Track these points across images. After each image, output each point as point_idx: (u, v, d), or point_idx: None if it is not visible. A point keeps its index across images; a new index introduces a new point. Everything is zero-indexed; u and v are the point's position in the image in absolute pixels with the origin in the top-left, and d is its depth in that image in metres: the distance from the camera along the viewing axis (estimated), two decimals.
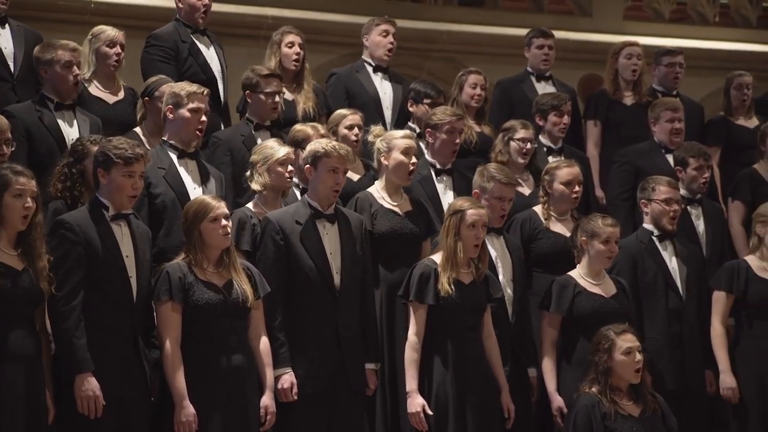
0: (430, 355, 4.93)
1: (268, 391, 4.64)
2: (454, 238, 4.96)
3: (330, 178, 4.90)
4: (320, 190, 4.92)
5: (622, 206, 6.37)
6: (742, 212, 6.45)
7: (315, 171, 4.92)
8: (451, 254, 4.95)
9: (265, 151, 5.15)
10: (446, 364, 4.91)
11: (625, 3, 9.93)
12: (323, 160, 4.90)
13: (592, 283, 5.23)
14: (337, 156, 4.90)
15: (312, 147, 4.99)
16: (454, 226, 4.96)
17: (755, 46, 9.62)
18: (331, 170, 4.90)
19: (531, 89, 7.01)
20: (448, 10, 9.53)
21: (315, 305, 4.83)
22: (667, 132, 6.45)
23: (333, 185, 4.91)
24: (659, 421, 4.94)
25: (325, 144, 4.96)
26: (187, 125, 5.13)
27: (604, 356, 4.89)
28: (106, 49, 5.93)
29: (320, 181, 4.91)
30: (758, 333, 5.48)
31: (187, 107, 5.11)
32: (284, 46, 6.41)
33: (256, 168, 5.14)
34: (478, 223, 4.97)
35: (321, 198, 4.93)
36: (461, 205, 5.02)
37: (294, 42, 6.43)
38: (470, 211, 4.98)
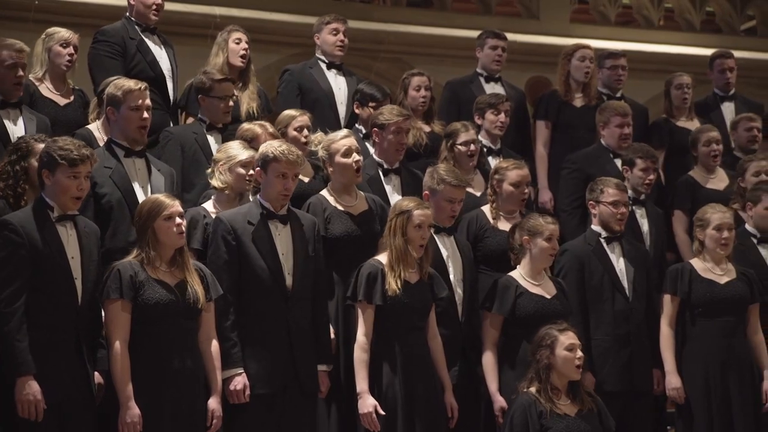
0: (379, 355, 4.93)
1: (215, 395, 4.60)
2: (402, 238, 4.96)
3: (279, 183, 4.88)
4: (270, 193, 4.90)
5: (573, 213, 6.41)
6: (684, 221, 6.52)
7: (265, 175, 4.90)
8: (400, 254, 4.96)
9: (230, 152, 5.16)
10: (394, 364, 4.91)
11: (572, 6, 10.01)
12: (273, 165, 4.87)
13: (533, 283, 5.27)
14: (287, 161, 4.87)
15: (262, 150, 4.96)
16: (401, 227, 4.97)
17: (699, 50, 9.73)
18: (280, 175, 4.87)
19: (480, 90, 7.02)
20: (397, 11, 9.54)
21: (267, 306, 4.80)
22: (616, 137, 6.50)
23: (282, 190, 4.89)
24: (596, 420, 4.98)
25: (275, 148, 4.92)
26: (129, 123, 5.09)
27: (545, 352, 4.93)
28: (59, 48, 5.91)
29: (270, 185, 4.89)
30: (702, 332, 5.53)
31: (126, 105, 5.08)
32: (232, 42, 6.40)
33: (218, 166, 5.13)
34: (425, 224, 4.99)
35: (272, 200, 4.91)
36: (407, 206, 5.03)
37: (241, 39, 6.42)
38: (417, 212, 4.99)
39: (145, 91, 5.14)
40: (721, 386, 5.45)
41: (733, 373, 5.47)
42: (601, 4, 10.17)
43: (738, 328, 5.55)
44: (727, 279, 5.58)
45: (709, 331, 5.52)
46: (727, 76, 7.59)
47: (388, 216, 5.09)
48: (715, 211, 5.62)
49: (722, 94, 7.62)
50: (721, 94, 7.63)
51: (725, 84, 7.61)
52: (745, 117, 7.07)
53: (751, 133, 6.97)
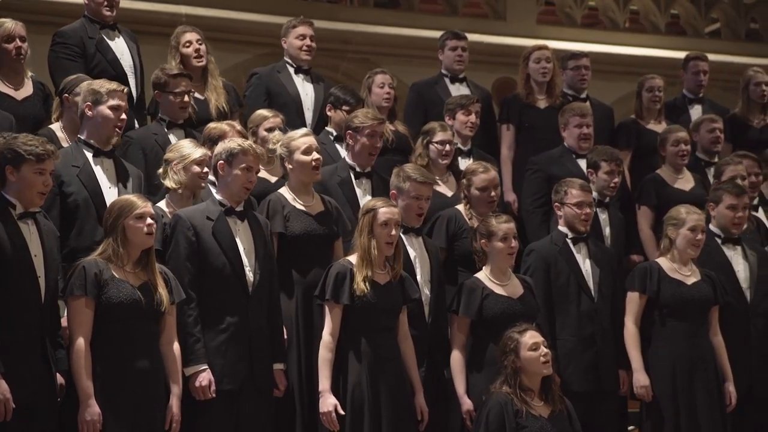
0: (346, 355, 4.92)
1: (174, 398, 4.57)
2: (368, 236, 4.96)
3: (244, 176, 4.89)
4: (232, 187, 4.90)
5: (536, 213, 6.43)
6: (649, 217, 6.55)
7: (229, 168, 4.90)
8: (366, 253, 4.96)
9: (182, 150, 5.12)
10: (361, 364, 4.90)
11: (538, 7, 10.06)
12: (239, 158, 4.88)
13: (499, 284, 5.27)
14: (254, 155, 4.91)
15: (228, 144, 4.97)
16: (368, 225, 4.98)
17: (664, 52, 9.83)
18: (245, 168, 4.89)
19: (445, 91, 7.04)
20: (364, 11, 9.54)
21: (228, 301, 4.79)
22: (576, 137, 6.53)
23: (245, 183, 4.90)
24: (567, 422, 5.00)
25: (241, 142, 4.97)
26: (107, 123, 5.06)
27: (511, 357, 4.94)
28: (5, 45, 5.81)
29: (233, 178, 4.89)
30: (670, 332, 5.55)
31: (107, 104, 5.05)
32: (182, 47, 6.36)
33: (171, 166, 5.09)
34: (391, 222, 4.99)
35: (232, 195, 4.90)
36: (373, 205, 5.04)
37: (191, 41, 6.37)
38: (382, 210, 5.00)
39: (125, 94, 5.15)
40: (688, 386, 5.47)
41: (699, 374, 5.49)
42: (567, 5, 10.23)
43: (702, 328, 5.58)
44: (694, 280, 5.61)
45: (676, 332, 5.54)
46: (700, 78, 7.65)
47: (358, 216, 5.09)
48: (691, 212, 5.65)
49: (691, 97, 7.67)
50: (691, 96, 7.68)
51: (698, 86, 7.66)
52: (707, 118, 7.11)
53: (714, 135, 7.00)
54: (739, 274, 5.88)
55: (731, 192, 5.92)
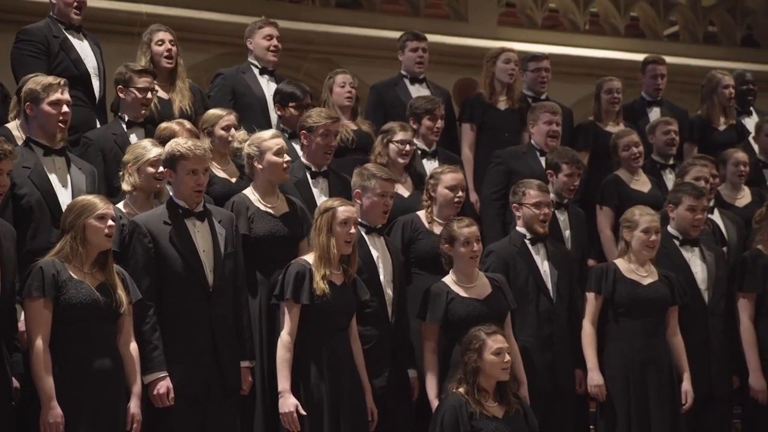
0: (305, 355, 4.91)
1: (134, 399, 4.54)
2: (327, 235, 4.96)
3: (190, 180, 4.83)
4: (183, 191, 4.86)
5: (492, 205, 6.46)
6: (610, 217, 6.59)
7: (174, 174, 4.84)
8: (324, 252, 4.95)
9: (137, 151, 5.08)
10: (320, 364, 4.90)
11: (500, 9, 10.11)
12: (181, 163, 4.82)
13: (464, 287, 5.30)
14: (194, 157, 4.82)
15: (168, 149, 4.88)
16: (326, 224, 4.97)
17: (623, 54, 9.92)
18: (190, 172, 4.82)
19: (405, 92, 7.06)
20: (326, 11, 9.54)
21: (189, 305, 4.77)
22: (544, 134, 6.56)
23: (194, 186, 4.84)
24: (522, 422, 5.03)
25: (181, 145, 4.86)
26: (49, 120, 5.01)
27: (473, 356, 4.96)
28: None
29: (181, 183, 4.84)
30: (625, 332, 5.59)
31: (46, 101, 5.00)
32: (154, 44, 6.32)
33: (126, 168, 5.05)
34: (350, 220, 4.99)
35: (186, 198, 4.87)
36: (332, 204, 5.04)
37: (164, 39, 6.34)
38: (341, 208, 5.00)
39: (64, 86, 5.06)
40: (640, 385, 5.52)
41: (653, 373, 5.53)
42: (528, 7, 10.29)
43: (658, 328, 5.62)
44: (650, 280, 5.65)
45: (630, 331, 5.58)
46: (658, 82, 7.72)
47: (314, 216, 5.09)
48: (644, 213, 5.69)
49: (650, 99, 7.74)
50: (649, 99, 7.74)
51: (656, 89, 7.73)
52: (662, 121, 7.16)
53: (669, 137, 7.06)
54: (697, 275, 5.94)
55: (691, 194, 5.98)
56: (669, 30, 11.15)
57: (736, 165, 6.86)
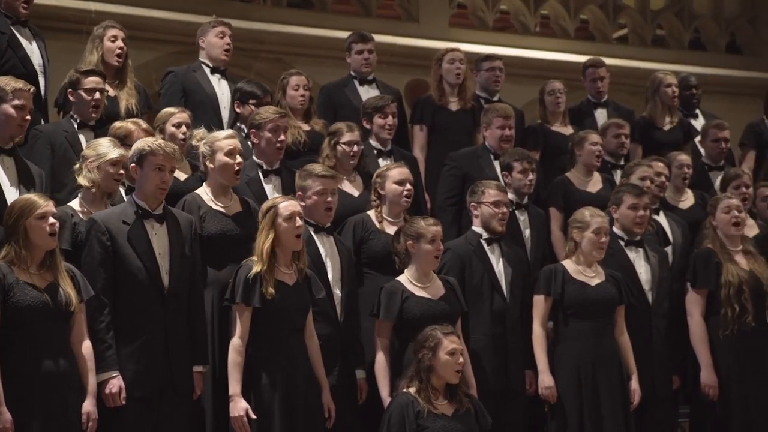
0: (258, 358, 4.89)
1: (89, 397, 4.51)
2: (272, 235, 4.94)
3: (156, 177, 4.82)
4: (146, 189, 4.84)
5: (448, 210, 6.48)
6: (558, 218, 6.64)
7: (141, 170, 4.84)
8: (271, 253, 4.92)
9: (100, 149, 5.06)
10: (274, 367, 4.88)
11: (451, 10, 10.14)
12: (149, 159, 4.82)
13: (420, 286, 5.31)
14: (164, 154, 4.83)
15: (138, 145, 4.89)
16: (270, 223, 4.95)
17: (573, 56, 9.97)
18: (157, 168, 4.82)
19: (354, 93, 7.06)
20: (277, 11, 9.51)
21: (143, 306, 4.74)
22: (497, 138, 6.60)
23: (159, 184, 4.84)
24: (472, 420, 5.04)
25: (151, 142, 4.89)
26: (10, 122, 4.99)
27: (428, 354, 4.97)
28: None
29: (146, 179, 4.83)
30: (574, 334, 5.64)
31: (11, 103, 4.98)
32: (107, 40, 6.28)
33: (86, 163, 5.02)
34: (295, 214, 4.97)
35: (148, 197, 4.84)
36: (273, 202, 5.03)
37: (117, 36, 6.30)
38: (283, 204, 4.99)
39: (32, 95, 5.08)
40: (591, 386, 5.56)
41: (603, 373, 5.58)
42: (479, 9, 10.33)
43: (607, 328, 5.67)
44: (598, 281, 5.70)
45: (580, 332, 5.63)
46: (598, 85, 7.80)
47: (259, 217, 5.06)
48: (594, 214, 5.73)
49: (595, 101, 7.83)
50: (594, 100, 7.83)
51: (597, 92, 7.82)
52: (613, 123, 7.25)
53: (619, 140, 7.14)
54: (641, 275, 5.99)
55: (631, 192, 6.04)
56: (618, 33, 11.25)
57: (679, 168, 6.94)
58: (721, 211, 6.12)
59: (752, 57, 11.29)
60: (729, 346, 5.91)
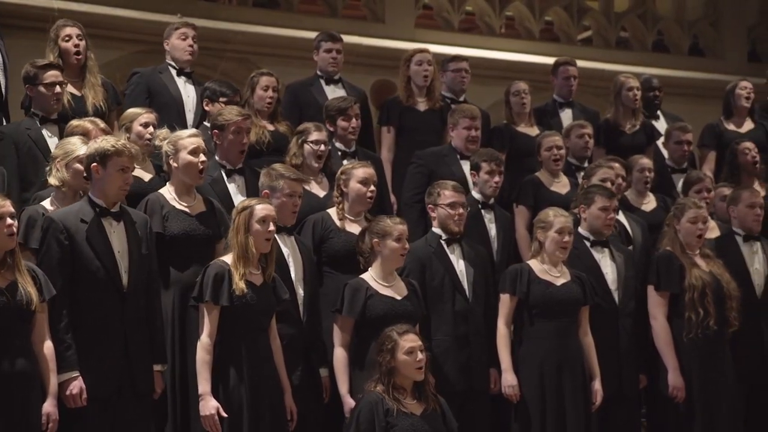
0: (225, 357, 4.88)
1: (50, 398, 4.49)
2: (245, 234, 4.94)
3: (119, 178, 4.80)
4: (108, 189, 4.81)
5: (414, 208, 6.48)
6: (526, 217, 6.67)
7: (103, 169, 4.80)
8: (243, 252, 4.93)
9: (67, 147, 5.04)
10: (241, 366, 4.87)
11: (417, 11, 10.16)
12: (114, 159, 4.79)
13: (384, 285, 5.31)
14: (128, 155, 4.81)
15: (101, 145, 4.85)
16: (244, 223, 4.95)
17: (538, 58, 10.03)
18: (121, 169, 4.80)
19: (320, 93, 7.05)
20: (243, 10, 9.49)
21: (102, 305, 4.72)
22: (464, 139, 6.63)
23: (122, 185, 4.82)
24: (440, 420, 5.06)
25: (115, 142, 4.85)
26: None
27: (387, 357, 4.98)
28: None
29: (109, 180, 4.80)
30: (539, 333, 5.66)
31: None
32: (61, 40, 6.23)
33: (55, 163, 4.99)
34: (269, 218, 4.98)
35: (108, 196, 4.82)
36: (249, 203, 5.03)
37: (71, 35, 6.24)
38: (259, 207, 4.99)
39: None
40: (555, 386, 5.58)
41: (567, 373, 5.60)
42: (444, 10, 10.36)
43: (571, 328, 5.69)
44: (563, 281, 5.73)
45: (544, 332, 5.65)
46: (570, 83, 7.83)
47: (232, 216, 5.06)
48: (558, 214, 5.76)
49: (561, 101, 7.86)
50: (561, 101, 7.86)
51: (568, 91, 7.85)
52: (577, 124, 7.29)
53: (583, 140, 7.17)
54: (607, 276, 6.02)
55: (603, 194, 6.08)
56: (582, 35, 11.32)
57: (641, 171, 6.98)
58: (687, 220, 6.13)
59: (714, 59, 11.41)
60: (693, 350, 5.95)
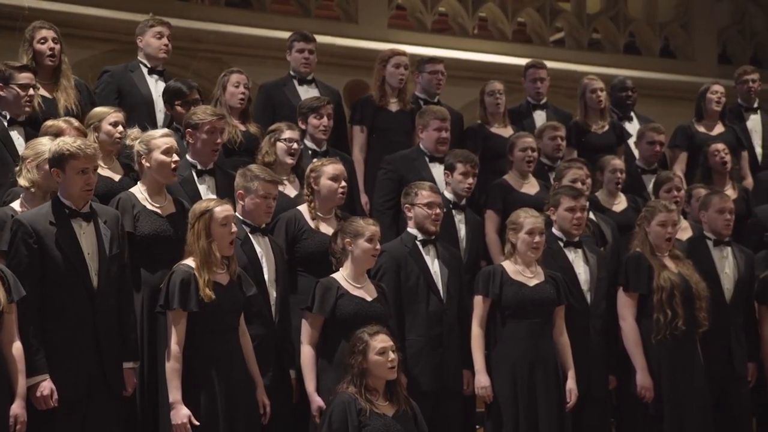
0: (197, 361, 4.85)
1: (18, 399, 4.45)
2: (206, 240, 4.91)
3: (80, 180, 4.74)
4: (72, 191, 4.76)
5: (386, 214, 6.49)
6: (495, 221, 6.70)
7: (63, 173, 4.74)
8: (206, 257, 4.90)
9: (38, 148, 5.00)
10: (213, 369, 4.85)
11: (390, 11, 10.17)
12: (71, 162, 4.72)
13: (355, 285, 5.31)
14: (85, 156, 4.73)
15: (56, 148, 4.76)
16: (205, 227, 4.92)
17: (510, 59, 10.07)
18: (80, 171, 4.73)
19: (293, 93, 7.05)
20: (215, 10, 9.47)
21: (72, 307, 4.68)
22: (434, 140, 6.64)
23: (84, 186, 4.76)
24: (411, 422, 5.06)
25: (70, 144, 4.75)
26: None
27: (359, 358, 4.98)
28: None
29: (70, 183, 4.74)
30: (512, 334, 5.67)
31: None
32: (36, 42, 6.18)
33: (25, 164, 4.95)
34: (229, 220, 4.96)
35: (74, 198, 4.78)
36: (207, 206, 4.98)
37: (47, 37, 6.20)
38: (218, 209, 4.95)
39: None
40: (528, 386, 5.59)
41: (540, 374, 5.61)
42: (418, 10, 10.38)
43: (545, 329, 5.71)
44: (536, 281, 5.74)
45: (517, 332, 5.65)
46: (538, 86, 7.87)
47: (189, 221, 5.01)
48: (528, 215, 5.78)
49: (534, 103, 7.90)
50: (533, 102, 7.90)
51: (536, 93, 7.89)
52: (549, 126, 7.33)
53: (555, 142, 7.21)
54: (580, 276, 6.04)
55: (569, 194, 6.10)
56: (555, 36, 11.38)
57: (612, 172, 7.02)
58: (657, 223, 6.15)
59: (685, 61, 11.50)
60: (661, 351, 5.98)
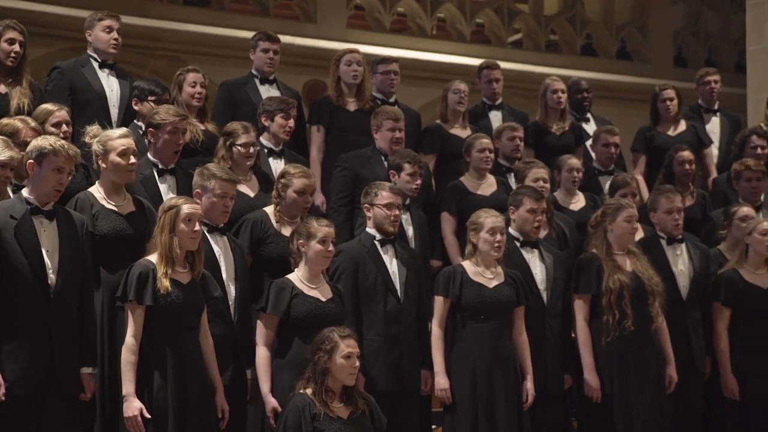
0: (150, 357, 4.84)
1: None
2: (169, 234, 4.92)
3: (54, 178, 4.76)
4: (42, 187, 4.77)
5: (340, 211, 6.51)
6: (451, 223, 6.73)
7: (39, 168, 4.76)
8: (167, 251, 4.90)
9: None
10: (165, 366, 4.84)
11: (349, 12, 10.19)
12: (50, 159, 4.75)
13: (309, 286, 5.32)
14: (66, 156, 4.77)
15: (39, 143, 4.80)
16: (170, 222, 4.93)
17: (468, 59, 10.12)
18: (56, 169, 4.76)
19: (255, 92, 7.04)
20: (173, 8, 9.43)
21: (27, 304, 4.66)
22: (388, 140, 6.66)
23: (56, 185, 4.78)
24: (367, 421, 5.07)
25: (54, 142, 4.81)
26: None
27: (324, 356, 4.99)
28: None
29: (44, 179, 4.76)
30: (471, 335, 5.69)
31: None
32: (3, 41, 6.14)
33: None
34: (194, 217, 4.96)
35: (42, 195, 4.77)
36: (175, 202, 5.00)
37: (15, 39, 6.18)
38: (186, 206, 4.97)
39: None
40: (487, 386, 5.61)
41: (499, 374, 5.64)
42: (376, 10, 10.41)
43: (504, 329, 5.73)
44: (496, 282, 5.76)
45: (477, 333, 5.68)
46: (493, 86, 7.91)
47: (158, 214, 5.03)
48: (488, 215, 5.80)
49: (490, 103, 7.95)
50: (489, 103, 7.95)
51: (492, 94, 7.93)
52: (508, 126, 7.37)
53: (514, 143, 7.26)
54: (536, 275, 6.09)
55: (531, 196, 6.14)
56: (513, 37, 11.46)
57: (569, 171, 7.09)
58: (623, 219, 6.20)
59: (641, 63, 11.63)
60: (610, 351, 6.02)
